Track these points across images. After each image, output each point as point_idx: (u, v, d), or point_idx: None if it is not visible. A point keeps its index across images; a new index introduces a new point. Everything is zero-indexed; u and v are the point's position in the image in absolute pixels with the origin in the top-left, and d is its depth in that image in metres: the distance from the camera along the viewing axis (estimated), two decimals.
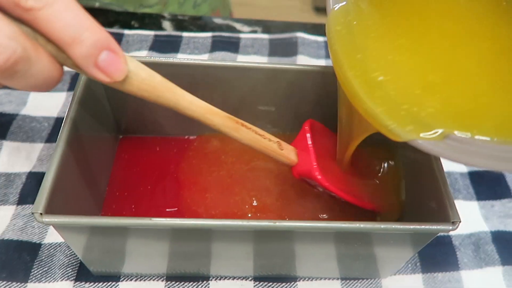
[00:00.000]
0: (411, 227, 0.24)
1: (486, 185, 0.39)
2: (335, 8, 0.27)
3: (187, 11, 0.58)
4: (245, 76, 0.32)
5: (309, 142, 0.29)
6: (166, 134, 0.37)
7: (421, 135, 0.22)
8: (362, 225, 0.24)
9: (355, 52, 0.25)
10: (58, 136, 0.26)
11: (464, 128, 0.22)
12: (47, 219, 0.22)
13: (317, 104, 0.34)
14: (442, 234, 0.35)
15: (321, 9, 1.60)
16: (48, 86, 0.20)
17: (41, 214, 0.22)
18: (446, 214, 0.25)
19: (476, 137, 0.22)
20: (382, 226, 0.24)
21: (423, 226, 0.24)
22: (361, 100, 0.24)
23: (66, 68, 0.48)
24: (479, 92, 0.23)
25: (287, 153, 0.29)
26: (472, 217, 0.37)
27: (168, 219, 0.23)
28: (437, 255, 0.34)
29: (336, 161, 0.31)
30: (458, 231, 0.35)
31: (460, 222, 0.24)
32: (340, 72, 0.25)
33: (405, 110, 0.23)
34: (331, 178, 0.29)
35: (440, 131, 0.22)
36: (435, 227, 0.24)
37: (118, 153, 0.36)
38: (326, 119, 0.32)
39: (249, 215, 0.33)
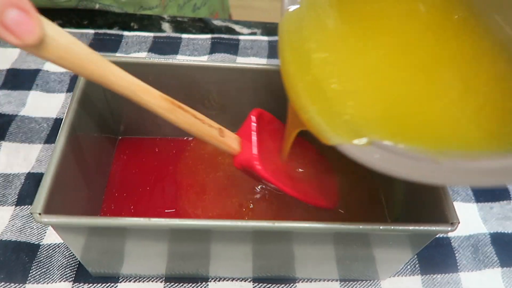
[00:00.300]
0: (410, 227, 0.24)
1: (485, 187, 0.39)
2: (290, 10, 0.27)
3: (187, 14, 0.58)
4: (243, 77, 0.33)
5: (253, 131, 0.27)
6: (164, 135, 0.37)
7: (349, 141, 0.22)
8: (361, 226, 0.24)
9: (301, 58, 0.25)
10: (57, 137, 0.26)
11: (391, 136, 0.22)
12: (46, 219, 0.22)
13: None
14: (441, 235, 0.35)
15: None
16: None
17: (39, 214, 0.22)
18: (444, 215, 0.25)
19: (401, 145, 0.21)
20: (381, 227, 0.24)
21: (422, 227, 0.24)
22: (301, 101, 0.24)
23: (65, 70, 0.48)
24: (407, 102, 0.24)
25: (229, 141, 0.27)
26: (471, 219, 0.37)
27: (166, 219, 0.23)
28: (436, 257, 0.34)
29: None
30: (457, 233, 0.35)
31: (458, 223, 0.25)
32: (285, 75, 0.26)
33: (336, 115, 0.23)
34: (275, 170, 0.28)
35: (365, 139, 0.22)
36: (434, 228, 0.24)
37: (117, 154, 0.36)
38: None
39: (246, 218, 0.33)
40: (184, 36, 0.49)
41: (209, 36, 0.49)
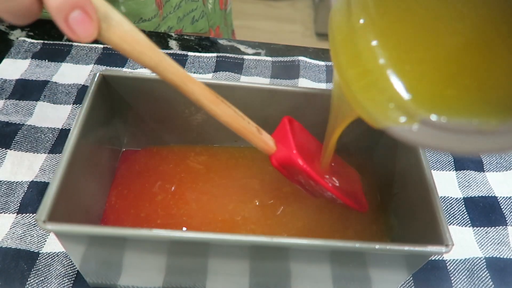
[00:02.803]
0: (406, 248, 0.25)
1: (480, 212, 0.39)
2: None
3: (186, 26, 0.59)
4: (246, 96, 0.33)
5: (288, 132, 0.29)
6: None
7: (395, 121, 0.22)
8: (357, 245, 0.24)
9: (351, 45, 0.25)
10: (65, 146, 0.26)
11: (441, 112, 0.21)
12: (50, 226, 0.22)
13: (315, 126, 0.35)
14: (436, 258, 0.35)
15: (323, 35, 1.64)
16: (24, 17, 0.20)
17: (44, 221, 0.22)
18: (439, 237, 0.25)
19: (453, 120, 0.21)
20: (377, 247, 0.25)
21: (417, 248, 0.25)
22: (349, 87, 0.24)
23: (72, 81, 0.48)
24: (459, 76, 0.23)
25: (266, 138, 0.29)
26: (466, 243, 0.37)
27: (168, 231, 0.23)
28: (432, 280, 0.34)
29: (317, 159, 0.32)
30: (453, 256, 0.36)
31: (453, 245, 0.25)
32: (336, 62, 0.25)
33: (386, 97, 0.23)
34: (314, 168, 0.29)
35: (416, 116, 0.22)
36: (429, 249, 0.25)
37: (120, 165, 0.37)
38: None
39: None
40: (190, 54, 0.50)
41: (214, 54, 0.50)
